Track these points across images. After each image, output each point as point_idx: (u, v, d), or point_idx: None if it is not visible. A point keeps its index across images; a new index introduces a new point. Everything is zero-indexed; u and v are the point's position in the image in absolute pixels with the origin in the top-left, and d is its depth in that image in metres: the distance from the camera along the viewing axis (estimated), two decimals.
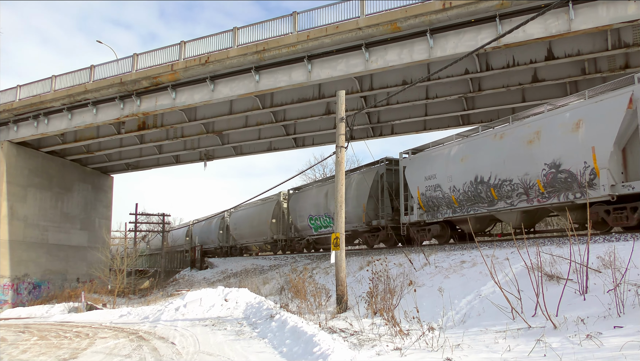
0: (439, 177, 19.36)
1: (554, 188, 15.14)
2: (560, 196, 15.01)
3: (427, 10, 19.49)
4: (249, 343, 10.91)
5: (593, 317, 8.01)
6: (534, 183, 15.67)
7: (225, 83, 25.52)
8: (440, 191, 19.28)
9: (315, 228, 28.04)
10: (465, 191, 18.14)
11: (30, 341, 13.72)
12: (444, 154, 19.75)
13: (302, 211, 29.32)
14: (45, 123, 31.84)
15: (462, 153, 18.69)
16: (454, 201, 18.72)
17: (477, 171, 17.62)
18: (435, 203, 19.69)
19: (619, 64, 20.27)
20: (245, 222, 36.99)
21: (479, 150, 17.94)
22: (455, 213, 18.90)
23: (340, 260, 14.00)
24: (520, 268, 10.98)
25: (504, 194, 16.76)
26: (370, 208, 23.12)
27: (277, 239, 32.62)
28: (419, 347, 8.11)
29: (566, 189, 14.85)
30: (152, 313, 17.88)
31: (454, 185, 18.61)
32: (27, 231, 34.82)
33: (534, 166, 15.57)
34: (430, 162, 20.25)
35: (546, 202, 15.55)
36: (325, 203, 26.68)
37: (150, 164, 40.62)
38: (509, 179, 16.48)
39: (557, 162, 14.91)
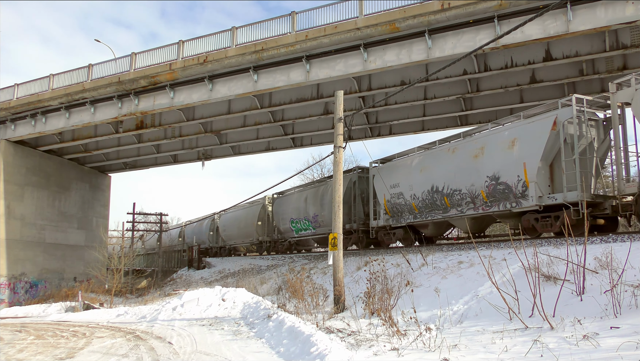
0: (402, 186, 21.04)
1: (495, 198, 16.97)
2: (500, 205, 16.87)
3: (425, 11, 19.50)
4: (246, 342, 10.90)
5: (590, 318, 8.03)
6: (478, 193, 17.47)
7: (223, 83, 25.49)
8: (403, 199, 20.98)
9: (297, 230, 29.62)
10: (424, 199, 19.90)
11: (27, 340, 13.69)
12: (406, 164, 21.36)
13: (285, 215, 30.81)
14: (43, 122, 31.78)
15: (422, 164, 20.38)
16: (414, 208, 20.46)
17: (433, 181, 19.37)
18: (399, 209, 21.37)
19: (616, 65, 20.32)
20: (233, 224, 38.40)
21: (435, 162, 19.67)
22: (416, 218, 20.64)
23: (338, 260, 14.00)
24: (517, 268, 11.00)
25: (455, 203, 18.52)
26: (345, 213, 23.21)
27: (262, 240, 34.18)
28: (416, 347, 8.11)
29: (504, 199, 16.65)
30: (149, 312, 17.86)
31: (414, 193, 20.30)
32: (24, 230, 34.75)
33: (479, 178, 17.35)
34: (395, 172, 21.89)
35: (489, 210, 17.40)
36: (305, 208, 28.22)
37: (148, 164, 40.58)
38: (458, 189, 18.24)
39: (496, 175, 16.77)
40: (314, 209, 27.45)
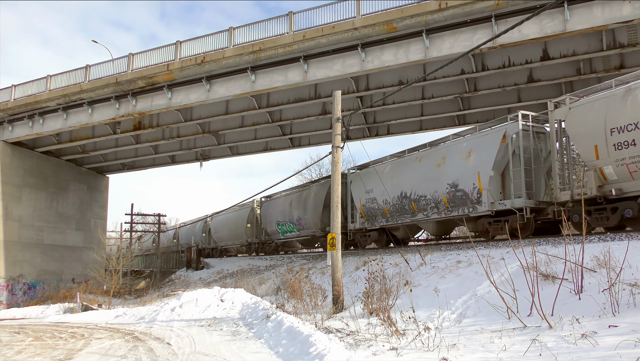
0: (376, 192, 22.21)
1: (455, 203, 18.32)
2: (459, 210, 18.22)
3: (423, 11, 19.52)
4: (245, 343, 10.89)
5: (588, 316, 8.04)
6: (441, 199, 18.86)
7: (221, 83, 25.49)
8: (376, 203, 22.31)
9: (282, 232, 31.05)
10: (394, 203, 21.22)
11: (25, 342, 13.66)
12: (380, 171, 22.30)
13: (272, 217, 32.14)
14: (41, 123, 31.74)
15: (393, 172, 21.78)
16: (386, 212, 21.86)
17: (403, 188, 20.69)
18: (373, 213, 22.74)
19: (614, 64, 20.35)
20: (224, 226, 39.40)
21: (404, 170, 21.13)
22: (388, 221, 21.98)
23: (337, 260, 14.00)
24: (515, 267, 11.01)
25: (421, 207, 19.93)
26: (325, 216, 25.60)
27: (251, 242, 35.47)
28: (415, 347, 8.12)
29: (463, 205, 18.02)
30: (147, 313, 17.83)
31: (386, 198, 21.54)
32: (22, 232, 34.70)
33: (441, 185, 18.76)
34: (370, 179, 22.98)
35: (450, 214, 18.72)
36: (290, 211, 29.55)
37: (146, 164, 40.54)
38: (424, 195, 19.65)
39: (456, 183, 18.12)
40: (298, 212, 28.60)
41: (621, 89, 13.65)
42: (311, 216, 27.07)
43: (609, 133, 13.49)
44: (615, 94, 13.71)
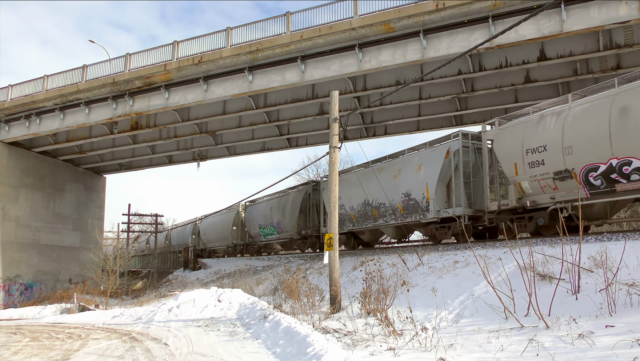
0: (344, 199, 23.69)
1: (408, 211, 20.37)
2: (412, 217, 20.30)
3: (420, 11, 19.54)
4: (242, 343, 10.88)
5: (585, 316, 8.06)
6: (397, 207, 20.88)
7: (218, 83, 25.47)
8: (344, 210, 24.12)
9: (264, 235, 33.18)
10: (359, 210, 23.39)
11: (22, 342, 13.63)
12: (348, 180, 24.38)
13: (255, 221, 34.26)
14: (37, 123, 31.66)
15: (359, 181, 23.37)
16: (353, 218, 24.04)
17: (366, 196, 22.55)
18: (342, 218, 24.34)
19: (610, 65, 20.41)
20: (212, 228, 41.46)
21: (368, 179, 22.74)
22: (354, 226, 24.23)
23: (334, 261, 13.99)
24: (513, 267, 11.02)
25: (382, 214, 21.94)
26: (301, 220, 28.43)
27: (236, 243, 37.72)
28: (413, 347, 8.12)
29: (415, 212, 20.05)
30: (145, 314, 17.80)
31: (352, 205, 23.78)
32: (18, 232, 34.60)
33: (397, 194, 20.71)
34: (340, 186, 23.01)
35: (405, 220, 20.74)
36: (271, 215, 31.70)
37: (143, 165, 40.48)
38: (384, 202, 21.56)
39: (409, 193, 20.18)
40: (278, 216, 30.66)
41: (536, 116, 15.94)
42: (289, 220, 29.25)
43: (525, 153, 15.80)
44: (531, 120, 16.02)
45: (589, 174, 14.14)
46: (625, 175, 13.28)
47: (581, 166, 14.22)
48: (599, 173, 13.85)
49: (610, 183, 13.69)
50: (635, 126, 12.83)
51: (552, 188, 15.24)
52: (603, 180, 13.84)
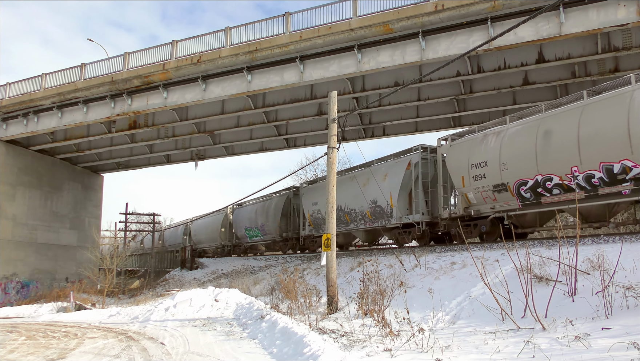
0: (320, 204, 25.82)
1: (375, 217, 22.03)
2: (379, 222, 21.95)
3: (419, 12, 19.55)
4: (239, 343, 10.87)
5: (581, 318, 8.07)
6: (366, 212, 22.57)
7: (217, 83, 25.45)
8: (320, 214, 25.88)
9: (250, 236, 34.97)
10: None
11: (18, 341, 13.60)
12: (323, 187, 25.10)
13: (241, 223, 36.02)
14: (35, 121, 31.60)
15: None
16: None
17: (340, 202, 23.15)
18: (318, 222, 26.38)
19: (608, 67, 20.46)
20: (202, 229, 43.03)
21: (341, 187, 23.01)
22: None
23: (331, 261, 13.99)
24: (510, 269, 11.03)
25: (353, 219, 23.68)
26: (283, 223, 30.56)
27: (224, 244, 39.21)
28: (409, 348, 8.13)
29: (381, 218, 21.70)
30: (141, 313, 17.78)
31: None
32: (15, 230, 34.53)
33: (366, 201, 22.28)
34: (316, 192, 27.04)
35: (373, 225, 22.35)
36: (256, 218, 33.48)
37: (141, 164, 40.44)
38: (354, 208, 23.45)
39: (375, 200, 21.71)
40: (262, 219, 32.42)
41: (481, 134, 17.73)
42: (272, 223, 31.17)
43: (471, 168, 17.53)
44: (477, 138, 17.79)
45: (520, 188, 15.98)
46: (548, 189, 15.14)
47: (514, 180, 16.05)
48: (528, 187, 15.71)
49: (537, 196, 15.51)
50: (555, 147, 14.65)
51: (492, 199, 17.02)
52: (531, 193, 15.66)
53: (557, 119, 14.93)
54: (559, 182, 14.74)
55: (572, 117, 14.34)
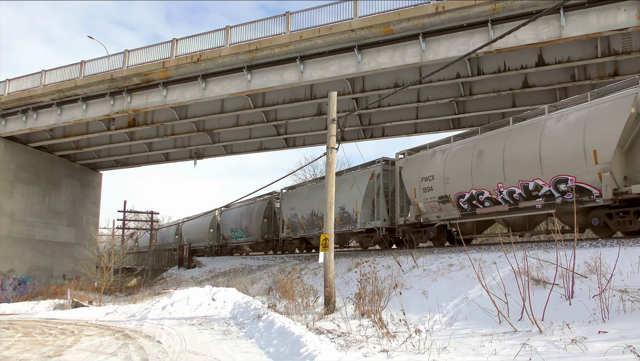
0: (297, 209, 28.00)
1: (344, 222, 23.90)
2: (346, 227, 23.86)
3: (420, 14, 19.57)
4: (235, 342, 10.87)
5: (578, 322, 8.08)
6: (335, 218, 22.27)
7: (217, 82, 25.45)
8: (297, 218, 28.02)
9: (235, 237, 36.71)
10: (308, 219, 27.01)
11: (14, 337, 13.58)
12: (300, 193, 28.80)
13: (228, 225, 37.74)
14: (34, 118, 31.57)
15: (308, 194, 27.67)
16: (303, 225, 27.66)
17: (313, 208, 26.43)
18: (295, 225, 28.49)
19: (608, 71, 20.49)
20: (192, 230, 44.78)
21: (315, 193, 26.72)
22: (305, 233, 27.90)
23: (329, 261, 13.99)
24: (507, 272, 11.05)
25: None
26: (265, 226, 32.61)
27: (212, 244, 40.93)
28: (406, 349, 8.13)
29: (348, 223, 23.57)
30: (138, 311, 17.77)
31: (303, 215, 27.43)
32: (13, 227, 34.47)
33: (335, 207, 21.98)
34: (294, 198, 29.32)
35: (342, 230, 23.94)
36: (240, 220, 35.29)
37: (139, 162, 40.43)
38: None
39: (343, 206, 23.64)
40: (246, 222, 34.28)
41: (430, 151, 20.06)
42: (255, 225, 33.16)
43: (421, 180, 19.65)
44: (427, 154, 20.09)
45: (460, 200, 18.04)
46: (481, 202, 17.26)
47: (455, 193, 18.17)
48: (465, 199, 17.82)
49: (473, 207, 17.64)
50: (486, 166, 16.82)
51: (438, 208, 19.14)
52: (468, 205, 17.79)
53: (489, 141, 17.09)
54: (489, 196, 16.89)
55: (500, 140, 16.58)
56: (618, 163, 13.44)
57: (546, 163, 14.84)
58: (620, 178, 13.46)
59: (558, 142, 14.57)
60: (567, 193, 14.50)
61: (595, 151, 13.55)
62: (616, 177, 13.38)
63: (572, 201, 13.95)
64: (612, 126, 13.24)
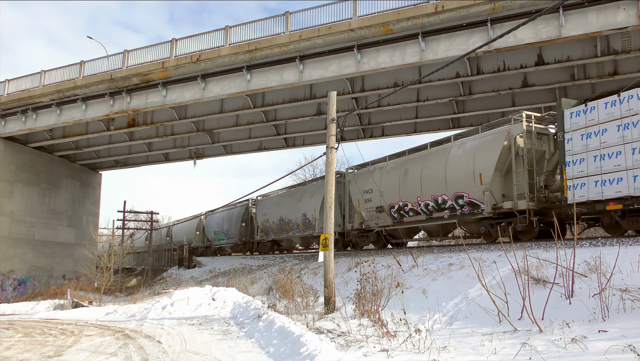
0: (268, 215, 31.07)
1: (306, 227, 26.88)
2: (307, 231, 26.87)
3: (419, 13, 19.56)
4: (235, 342, 10.87)
5: (578, 321, 8.08)
6: (299, 223, 27.55)
7: (216, 82, 25.43)
8: (269, 223, 31.02)
9: (218, 239, 39.64)
10: (277, 224, 30.04)
11: (14, 338, 13.58)
12: (271, 200, 32.27)
13: (211, 228, 40.66)
14: (34, 118, 31.55)
15: (278, 202, 30.95)
16: (274, 230, 30.70)
17: (281, 214, 29.47)
18: (267, 229, 31.56)
19: (607, 70, 20.48)
20: (181, 232, 47.66)
21: (284, 201, 30.17)
22: (276, 236, 30.94)
23: (329, 261, 14.00)
24: (507, 271, 11.05)
25: (291, 228, 28.70)
26: (243, 229, 35.49)
27: (198, 245, 43.41)
28: (406, 349, 8.13)
29: (309, 228, 26.67)
30: (138, 311, 17.77)
31: (273, 220, 30.38)
32: (13, 227, 34.45)
33: (299, 214, 27.41)
34: (266, 205, 32.50)
35: (304, 234, 27.35)
36: (222, 224, 38.21)
37: (139, 162, 40.42)
38: (291, 219, 28.38)
39: (305, 213, 26.79)
40: (227, 225, 37.13)
41: (372, 167, 23.16)
42: (234, 228, 35.94)
43: (363, 193, 22.80)
44: (368, 170, 23.11)
45: (391, 210, 21.08)
46: (406, 212, 20.42)
47: (387, 204, 21.28)
48: (395, 210, 20.90)
49: (401, 216, 20.76)
50: (409, 182, 20.02)
51: (376, 217, 22.25)
52: (398, 214, 20.86)
53: (412, 162, 20.37)
54: (412, 207, 19.98)
55: (419, 161, 19.90)
56: (497, 184, 16.74)
57: (449, 182, 18.21)
58: (499, 196, 16.70)
59: (458, 166, 17.90)
60: (464, 207, 17.86)
61: (481, 173, 16.92)
62: (495, 195, 16.64)
63: (468, 213, 17.70)
64: (491, 154, 16.66)
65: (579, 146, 14.20)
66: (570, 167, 14.37)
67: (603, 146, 13.57)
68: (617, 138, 13.20)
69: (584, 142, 14.06)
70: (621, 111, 13.12)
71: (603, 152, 13.58)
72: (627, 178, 12.91)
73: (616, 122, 13.23)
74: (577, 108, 14.38)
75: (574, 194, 14.02)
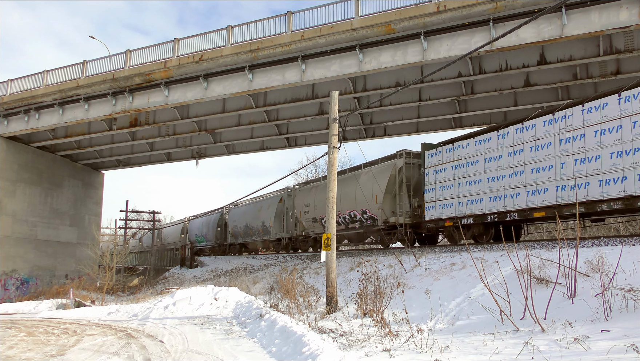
0: (237, 221, 36.52)
1: (264, 232, 32.10)
2: (266, 236, 31.78)
3: (421, 13, 19.53)
4: (238, 342, 10.87)
5: (581, 321, 8.06)
6: (259, 229, 32.81)
7: (218, 81, 25.45)
8: (237, 229, 36.22)
9: (198, 242, 44.22)
10: (244, 229, 35.23)
11: (17, 337, 13.60)
12: (239, 209, 37.17)
13: (193, 231, 45.71)
14: (36, 118, 31.61)
15: (244, 211, 35.88)
16: (241, 234, 35.93)
17: (247, 221, 34.83)
18: (237, 234, 36.74)
19: (610, 70, 20.44)
20: (169, 234, 52.00)
21: (249, 210, 35.07)
22: (243, 240, 36.36)
23: (331, 261, 13.99)
24: (509, 271, 11.03)
25: (253, 233, 33.83)
26: (218, 233, 40.51)
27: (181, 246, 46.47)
28: (408, 348, 8.12)
29: (266, 233, 31.77)
30: (141, 310, 17.79)
31: (241, 226, 35.61)
32: (15, 227, 34.53)
33: (259, 221, 32.61)
34: (235, 213, 37.42)
35: (263, 238, 32.44)
36: (201, 228, 43.56)
37: (141, 161, 40.46)
38: (254, 226, 33.58)
39: (264, 221, 32.03)
40: (205, 230, 42.27)
41: (311, 185, 28.99)
42: (211, 233, 40.99)
43: (303, 206, 27.67)
44: (308, 187, 28.83)
45: (322, 220, 24.17)
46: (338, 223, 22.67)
47: (319, 215, 25.55)
48: (324, 220, 21.26)
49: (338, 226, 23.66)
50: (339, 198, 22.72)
51: (312, 226, 26.96)
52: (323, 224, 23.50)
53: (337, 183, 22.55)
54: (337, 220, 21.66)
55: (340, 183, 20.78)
56: (388, 203, 21.40)
57: (358, 200, 22.63)
58: (390, 212, 21.33)
59: (363, 188, 22.01)
60: (368, 220, 22.58)
61: (376, 195, 21.64)
62: (386, 212, 21.34)
63: (370, 225, 22.49)
64: (383, 181, 21.43)
65: (431, 178, 19.90)
66: (427, 193, 20.02)
67: (444, 180, 19.20)
68: (451, 175, 18.88)
69: (434, 177, 19.75)
70: (454, 155, 18.79)
71: (444, 185, 19.16)
72: (455, 204, 18.44)
73: (451, 164, 18.92)
74: (432, 151, 19.99)
75: (427, 214, 19.81)
